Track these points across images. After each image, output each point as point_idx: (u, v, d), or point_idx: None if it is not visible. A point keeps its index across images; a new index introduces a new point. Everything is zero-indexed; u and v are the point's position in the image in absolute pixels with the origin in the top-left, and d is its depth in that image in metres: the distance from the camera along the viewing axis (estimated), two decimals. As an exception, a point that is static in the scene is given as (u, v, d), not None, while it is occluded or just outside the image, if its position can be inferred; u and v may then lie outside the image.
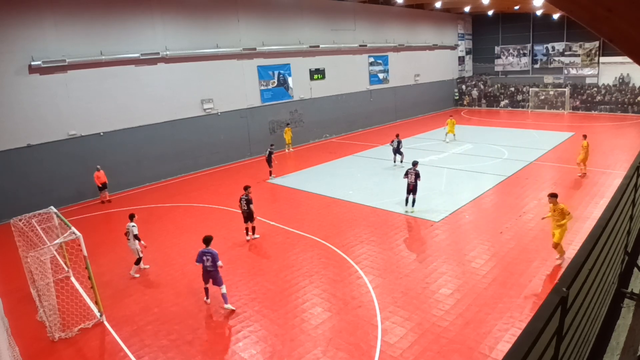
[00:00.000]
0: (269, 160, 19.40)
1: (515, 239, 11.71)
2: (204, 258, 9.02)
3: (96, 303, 9.14)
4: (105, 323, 8.98)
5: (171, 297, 9.84)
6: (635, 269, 3.99)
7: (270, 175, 19.52)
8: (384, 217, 13.98)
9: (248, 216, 12.51)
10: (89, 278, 8.99)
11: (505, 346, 7.37)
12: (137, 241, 10.76)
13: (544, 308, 1.57)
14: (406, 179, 13.98)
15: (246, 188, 12.60)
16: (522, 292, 9.06)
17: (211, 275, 9.12)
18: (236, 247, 12.45)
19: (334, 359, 7.39)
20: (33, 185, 16.81)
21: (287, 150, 25.09)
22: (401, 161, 20.11)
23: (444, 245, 11.68)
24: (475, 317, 8.28)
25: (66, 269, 11.36)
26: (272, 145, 19.77)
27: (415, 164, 14.09)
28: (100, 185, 17.52)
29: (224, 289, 9.14)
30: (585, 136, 17.22)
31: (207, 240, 9.21)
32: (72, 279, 11.03)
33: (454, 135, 25.00)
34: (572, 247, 10.83)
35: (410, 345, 7.61)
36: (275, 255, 11.69)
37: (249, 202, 12.34)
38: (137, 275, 11.02)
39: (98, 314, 9.12)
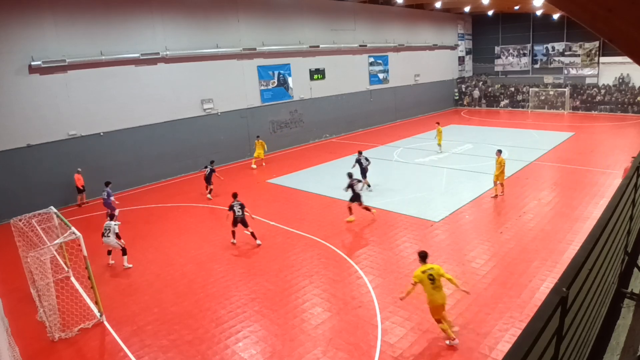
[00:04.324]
0: (208, 178, 17.17)
1: (515, 239, 11.71)
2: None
3: (96, 303, 9.14)
4: (105, 323, 8.98)
5: (171, 297, 9.84)
6: (635, 269, 3.99)
7: (209, 193, 17.22)
8: (383, 217, 13.98)
9: (242, 221, 12.30)
10: (89, 278, 8.99)
11: (505, 346, 7.37)
12: (117, 238, 11.48)
13: (544, 308, 1.57)
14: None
15: (235, 195, 12.62)
16: (522, 292, 9.05)
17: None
18: (236, 247, 12.44)
19: (334, 359, 7.39)
20: (33, 185, 16.81)
21: (253, 166, 21.82)
22: (368, 185, 16.71)
23: (444, 245, 11.68)
24: (475, 317, 8.28)
25: (66, 269, 11.36)
26: (212, 161, 17.78)
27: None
28: (80, 188, 17.28)
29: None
30: (500, 151, 15.08)
31: (107, 183, 15.13)
32: (72, 279, 11.04)
33: (440, 145, 22.43)
34: (572, 247, 10.84)
35: (410, 345, 7.61)
36: (275, 255, 11.68)
37: (242, 206, 12.33)
38: (131, 265, 11.47)
39: (98, 314, 9.12)
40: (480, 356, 7.21)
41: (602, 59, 35.25)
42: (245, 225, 12.38)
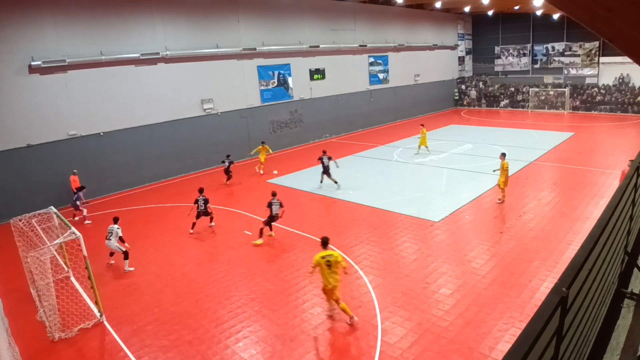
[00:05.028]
0: (227, 170, 18.97)
1: (515, 239, 11.71)
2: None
3: (96, 303, 9.14)
4: (105, 323, 8.98)
5: (171, 297, 9.84)
6: (635, 269, 3.99)
7: (228, 180, 19.12)
8: (384, 217, 13.98)
9: (204, 214, 13.62)
10: (89, 278, 8.99)
11: (505, 346, 7.37)
12: (120, 242, 11.32)
13: (544, 308, 1.57)
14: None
15: (201, 191, 13.84)
16: (522, 292, 9.05)
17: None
18: (236, 247, 12.44)
19: (334, 359, 7.39)
20: (33, 185, 16.80)
21: (257, 170, 20.75)
22: (335, 182, 17.29)
23: (444, 245, 11.68)
24: (475, 317, 8.28)
25: (66, 269, 11.36)
26: (228, 155, 19.29)
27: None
28: (75, 190, 16.71)
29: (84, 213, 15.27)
30: (504, 155, 14.56)
31: (81, 188, 15.62)
32: (72, 279, 11.04)
33: (427, 147, 22.16)
34: (572, 247, 10.84)
35: (410, 345, 7.61)
36: (275, 255, 11.69)
37: (206, 201, 13.54)
38: (132, 269, 11.35)
39: (98, 314, 9.12)
40: (480, 356, 7.21)
41: (602, 59, 35.25)
42: (207, 215, 13.64)
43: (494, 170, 15.21)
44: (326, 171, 17.33)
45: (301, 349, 7.72)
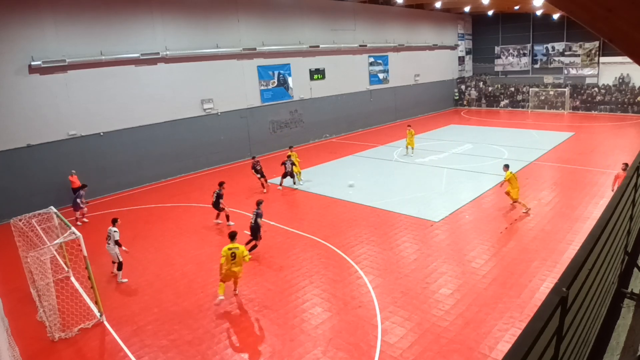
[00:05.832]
0: (258, 171, 17.82)
1: (515, 239, 11.71)
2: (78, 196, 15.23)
3: (96, 303, 9.14)
4: (105, 323, 8.99)
5: (171, 297, 9.85)
6: (635, 269, 3.99)
7: (264, 186, 17.86)
8: (384, 217, 13.99)
9: (215, 207, 14.07)
10: (89, 278, 8.99)
11: (505, 346, 7.37)
12: (117, 246, 10.59)
13: (544, 308, 1.57)
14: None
15: (221, 184, 14.19)
16: (522, 292, 9.06)
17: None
18: (236, 247, 12.43)
19: (334, 359, 7.40)
20: (33, 185, 16.80)
21: (295, 183, 18.39)
22: (294, 183, 18.05)
23: (444, 245, 11.68)
24: (475, 317, 8.28)
25: (66, 269, 11.36)
26: (254, 157, 18.72)
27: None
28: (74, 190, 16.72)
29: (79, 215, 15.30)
30: (507, 166, 13.82)
31: (82, 186, 15.73)
32: (72, 279, 11.04)
33: (413, 148, 22.27)
34: (572, 247, 10.84)
35: (410, 345, 7.61)
36: (275, 255, 11.68)
37: (219, 196, 13.91)
38: (125, 280, 10.79)
39: (98, 314, 9.12)
40: (480, 356, 7.21)
41: (602, 59, 35.25)
42: (217, 209, 14.05)
43: (502, 185, 14.37)
44: (288, 175, 17.86)
45: (301, 349, 7.72)
